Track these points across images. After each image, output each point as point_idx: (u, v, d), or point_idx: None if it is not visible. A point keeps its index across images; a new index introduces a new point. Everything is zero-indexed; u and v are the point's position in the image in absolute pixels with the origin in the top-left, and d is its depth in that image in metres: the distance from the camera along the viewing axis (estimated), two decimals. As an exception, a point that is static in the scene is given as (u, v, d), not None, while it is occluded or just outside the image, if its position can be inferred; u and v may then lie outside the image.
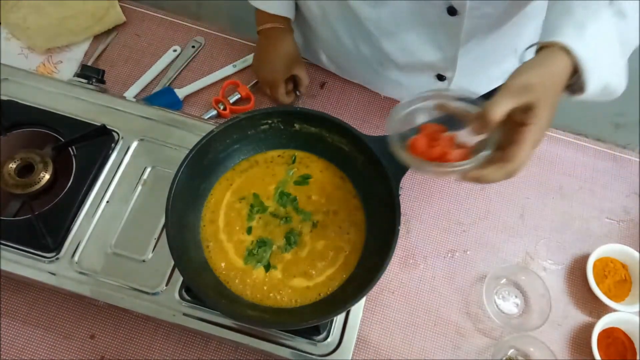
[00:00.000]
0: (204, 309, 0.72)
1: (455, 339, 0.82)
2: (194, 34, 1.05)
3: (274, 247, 0.71)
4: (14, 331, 0.77)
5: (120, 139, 0.83)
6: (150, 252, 0.75)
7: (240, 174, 0.76)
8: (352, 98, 1.01)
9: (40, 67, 0.99)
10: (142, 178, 0.80)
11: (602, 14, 0.56)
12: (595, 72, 0.54)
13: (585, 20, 0.56)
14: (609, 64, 0.56)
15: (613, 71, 0.57)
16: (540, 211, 0.93)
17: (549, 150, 0.98)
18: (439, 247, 0.89)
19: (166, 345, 0.78)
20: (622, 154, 0.99)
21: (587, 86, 0.55)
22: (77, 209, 0.77)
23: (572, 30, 0.55)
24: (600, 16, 0.56)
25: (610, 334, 0.82)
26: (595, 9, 0.56)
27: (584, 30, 0.55)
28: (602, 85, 0.56)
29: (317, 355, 0.71)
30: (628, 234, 0.92)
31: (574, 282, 0.87)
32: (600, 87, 0.56)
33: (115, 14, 1.03)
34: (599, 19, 0.56)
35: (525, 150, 0.52)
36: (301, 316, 0.67)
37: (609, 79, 0.56)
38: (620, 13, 0.57)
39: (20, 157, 0.78)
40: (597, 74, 0.55)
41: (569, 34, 0.55)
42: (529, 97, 0.52)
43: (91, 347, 0.77)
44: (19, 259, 0.74)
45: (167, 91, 0.97)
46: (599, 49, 0.55)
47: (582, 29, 0.55)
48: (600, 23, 0.56)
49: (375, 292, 0.84)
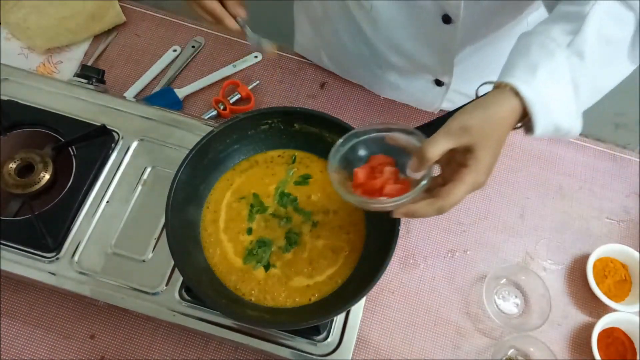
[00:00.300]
0: (204, 309, 0.72)
1: (455, 339, 0.82)
2: (194, 34, 1.05)
3: (274, 247, 0.71)
4: (14, 331, 0.77)
5: (120, 139, 0.83)
6: (150, 252, 0.75)
7: (240, 174, 0.76)
8: (352, 98, 1.01)
9: (40, 67, 0.99)
10: (142, 178, 0.80)
11: (558, 56, 0.56)
12: (543, 115, 0.55)
13: (539, 62, 0.56)
14: (559, 107, 0.56)
15: (564, 114, 0.57)
16: (540, 211, 0.93)
17: (549, 150, 0.98)
18: (439, 247, 0.89)
19: (166, 345, 0.78)
20: (622, 154, 0.99)
21: (535, 128, 0.55)
22: (77, 209, 0.77)
23: (523, 72, 0.56)
24: (555, 58, 0.56)
25: (610, 333, 0.83)
26: (551, 50, 0.56)
27: (535, 73, 0.55)
28: (552, 127, 0.57)
29: (317, 355, 0.71)
30: (628, 234, 0.92)
31: (574, 282, 0.87)
32: (551, 129, 0.57)
33: (115, 14, 1.03)
34: (553, 61, 0.56)
35: (460, 191, 0.54)
36: (301, 316, 0.67)
37: (560, 121, 0.56)
38: (578, 54, 0.56)
39: (20, 157, 0.78)
40: (546, 116, 0.55)
41: (520, 76, 0.55)
42: (467, 140, 0.53)
43: (91, 347, 0.77)
44: (19, 259, 0.74)
45: (167, 91, 0.96)
46: (549, 92, 0.55)
47: (534, 71, 0.55)
48: (554, 65, 0.56)
49: (375, 292, 0.84)
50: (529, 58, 0.57)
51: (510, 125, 0.56)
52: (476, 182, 0.54)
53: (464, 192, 0.54)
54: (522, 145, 0.98)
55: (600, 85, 0.60)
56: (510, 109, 0.55)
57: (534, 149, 0.98)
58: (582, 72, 0.57)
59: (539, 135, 0.56)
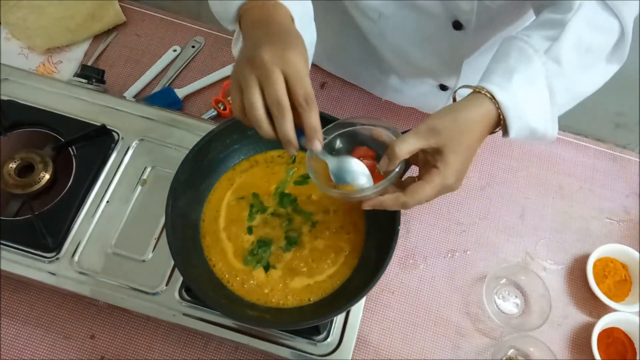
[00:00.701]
0: (204, 309, 0.72)
1: (455, 339, 0.82)
2: (194, 33, 1.05)
3: (274, 247, 0.71)
4: (14, 331, 0.77)
5: (120, 139, 0.83)
6: (150, 252, 0.75)
7: (240, 174, 0.76)
8: (352, 98, 1.01)
9: (40, 67, 0.99)
10: (142, 178, 0.80)
11: (535, 62, 0.57)
12: (517, 119, 0.56)
13: (516, 67, 0.57)
14: (534, 111, 0.57)
15: (539, 118, 0.58)
16: (540, 211, 0.93)
17: (549, 150, 0.98)
18: (439, 247, 0.89)
19: (166, 345, 0.78)
20: (622, 154, 0.99)
21: (510, 131, 0.57)
22: (77, 208, 0.77)
23: (500, 77, 0.57)
24: (532, 64, 0.57)
25: (610, 333, 0.82)
26: (529, 56, 0.57)
27: (511, 78, 0.56)
28: (527, 130, 0.58)
29: (317, 355, 0.71)
30: (628, 234, 0.92)
31: (574, 282, 0.87)
32: (526, 132, 0.58)
33: (115, 13, 1.03)
34: (530, 66, 0.57)
35: (425, 190, 0.54)
36: (301, 316, 0.67)
37: (535, 125, 0.57)
38: (556, 60, 0.57)
39: (20, 157, 0.78)
40: (520, 120, 0.56)
41: (496, 81, 0.56)
42: (435, 141, 0.54)
43: (91, 347, 0.77)
44: (19, 259, 0.74)
45: (167, 91, 0.96)
46: (524, 97, 0.56)
47: (510, 76, 0.56)
48: (531, 71, 0.57)
49: (375, 292, 0.84)
50: (507, 63, 0.58)
51: (483, 129, 0.56)
52: (444, 184, 0.55)
53: (429, 192, 0.55)
54: (522, 145, 0.98)
55: (580, 90, 0.61)
56: (483, 113, 0.56)
57: (534, 149, 0.98)
58: (559, 77, 0.58)
59: (514, 138, 0.58)
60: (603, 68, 0.62)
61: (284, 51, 0.49)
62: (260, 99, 0.50)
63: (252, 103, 0.50)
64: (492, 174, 0.96)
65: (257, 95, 0.49)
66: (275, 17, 0.54)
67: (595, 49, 0.60)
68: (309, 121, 0.51)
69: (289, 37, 0.52)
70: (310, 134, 0.51)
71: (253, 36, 0.53)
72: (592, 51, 0.60)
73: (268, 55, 0.49)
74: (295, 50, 0.50)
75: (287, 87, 0.50)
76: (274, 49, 0.49)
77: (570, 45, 0.58)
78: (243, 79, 0.50)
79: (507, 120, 0.56)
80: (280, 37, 0.51)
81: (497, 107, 0.56)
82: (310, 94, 0.50)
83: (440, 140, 0.54)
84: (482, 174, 0.95)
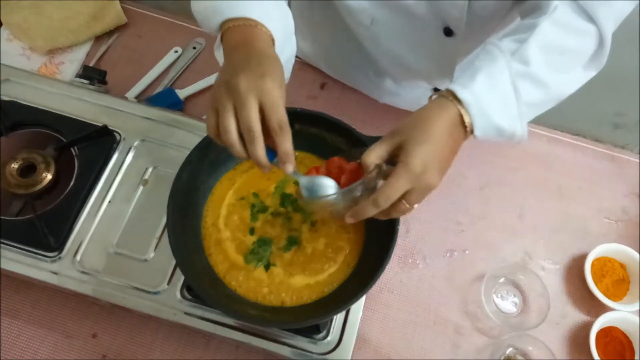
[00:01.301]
0: (205, 308, 0.72)
1: (454, 338, 0.83)
2: (195, 35, 1.05)
3: (275, 246, 0.72)
4: (16, 330, 0.78)
5: (121, 140, 0.83)
6: (152, 251, 0.76)
7: (241, 174, 0.77)
8: (352, 99, 1.02)
9: (42, 68, 1.00)
10: (143, 178, 0.81)
11: (499, 61, 0.58)
12: (481, 117, 0.57)
13: (481, 66, 0.58)
14: (498, 109, 0.58)
15: (504, 116, 0.58)
16: (539, 211, 0.93)
17: (547, 151, 0.99)
18: (438, 247, 0.89)
19: (167, 344, 0.78)
20: (620, 154, 0.99)
21: (475, 129, 0.58)
22: (79, 208, 0.78)
23: (465, 77, 0.58)
24: (496, 63, 0.58)
25: (608, 333, 0.83)
26: (494, 56, 0.59)
27: (475, 77, 0.58)
28: (492, 129, 0.59)
29: (317, 354, 0.71)
30: (626, 234, 0.92)
31: (572, 282, 0.88)
32: (492, 131, 0.59)
33: (117, 14, 1.03)
34: (494, 66, 0.58)
35: (392, 183, 0.54)
36: (301, 315, 0.68)
37: (500, 123, 0.58)
38: (523, 61, 0.58)
39: (22, 158, 0.79)
40: (484, 118, 0.57)
41: (461, 81, 0.58)
42: (397, 140, 0.56)
43: (93, 346, 0.78)
44: (21, 259, 0.74)
45: (168, 92, 0.97)
46: (487, 95, 0.57)
47: (474, 76, 0.58)
48: (494, 70, 0.58)
49: (374, 291, 0.84)
50: (474, 64, 0.60)
51: (445, 123, 0.57)
52: (411, 174, 0.54)
53: (395, 183, 0.55)
54: (521, 145, 0.99)
55: (556, 92, 0.62)
56: (443, 109, 0.57)
57: (533, 149, 0.99)
58: (526, 77, 0.59)
59: (481, 136, 0.59)
60: (581, 72, 0.63)
61: (260, 80, 0.52)
62: (234, 124, 0.52)
63: (226, 127, 0.52)
64: (491, 174, 0.96)
65: (231, 120, 0.52)
66: (255, 42, 0.57)
67: (571, 51, 0.61)
68: (282, 146, 0.54)
69: (266, 64, 0.54)
70: (283, 158, 0.54)
71: (233, 58, 0.56)
72: (568, 54, 0.61)
73: (244, 83, 0.51)
74: (271, 79, 0.53)
75: (262, 113, 0.53)
76: (251, 77, 0.52)
77: (539, 46, 0.59)
78: (220, 103, 0.53)
79: (472, 118, 0.57)
80: (258, 63, 0.54)
81: (458, 105, 0.57)
82: (283, 121, 0.53)
83: (401, 137, 0.56)
84: (481, 174, 0.96)
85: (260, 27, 0.58)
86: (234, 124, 0.53)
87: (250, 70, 0.52)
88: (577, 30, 0.61)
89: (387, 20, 0.77)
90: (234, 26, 0.58)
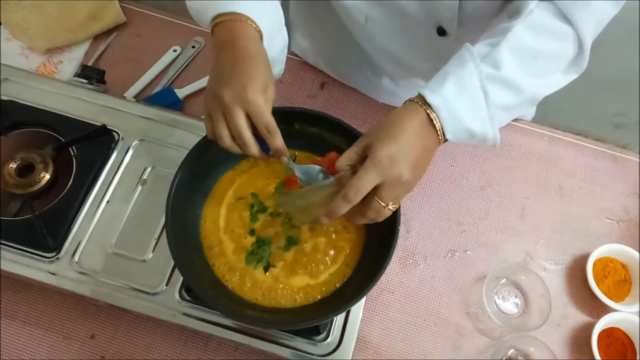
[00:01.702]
0: (204, 309, 0.72)
1: (455, 338, 0.82)
2: (194, 34, 1.05)
3: (274, 247, 0.71)
4: (14, 331, 0.77)
5: (120, 139, 0.83)
6: (151, 252, 0.76)
7: (240, 174, 0.76)
8: (352, 98, 1.01)
9: (41, 67, 0.99)
10: (142, 178, 0.81)
11: (467, 66, 0.58)
12: (450, 120, 0.58)
13: (451, 71, 0.59)
14: (467, 112, 0.58)
15: (474, 119, 0.58)
16: (540, 211, 0.93)
17: (548, 150, 0.98)
18: (438, 247, 0.89)
19: (166, 345, 0.78)
20: (621, 154, 0.99)
21: (445, 132, 0.58)
22: (78, 208, 0.77)
23: (435, 82, 0.59)
24: (465, 67, 0.58)
25: (610, 333, 0.83)
26: (464, 60, 0.59)
27: (444, 81, 0.58)
28: (464, 132, 0.59)
29: (317, 355, 0.71)
30: (628, 234, 0.92)
31: (573, 282, 0.87)
32: (464, 134, 0.59)
33: (116, 14, 1.03)
34: (463, 70, 0.58)
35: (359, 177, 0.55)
36: (301, 316, 0.67)
37: (471, 126, 0.58)
38: (494, 65, 0.58)
39: (20, 157, 0.78)
40: (454, 121, 0.58)
41: (431, 86, 0.59)
42: (365, 142, 0.57)
43: (91, 347, 0.77)
44: (19, 259, 0.74)
45: (167, 91, 0.97)
46: (456, 99, 0.57)
47: (443, 80, 0.58)
48: (463, 73, 0.58)
49: (375, 292, 0.84)
50: (445, 70, 0.60)
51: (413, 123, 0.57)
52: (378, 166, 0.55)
53: (365, 176, 0.55)
54: (521, 145, 0.99)
55: (531, 95, 0.61)
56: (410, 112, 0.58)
57: (534, 149, 0.98)
58: (496, 81, 0.58)
59: (453, 139, 0.59)
60: (560, 76, 0.63)
61: (242, 91, 0.56)
62: (227, 130, 0.58)
63: (220, 134, 0.59)
64: (492, 174, 0.96)
65: (224, 129, 0.58)
66: (240, 41, 0.59)
67: (547, 55, 0.61)
68: (274, 146, 0.60)
69: (250, 68, 0.57)
70: (276, 154, 0.61)
71: (219, 61, 0.59)
72: (542, 57, 0.61)
73: (228, 96, 0.56)
74: (253, 88, 0.56)
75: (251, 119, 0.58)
76: (232, 89, 0.56)
77: (510, 49, 0.59)
78: (212, 111, 0.58)
79: (441, 122, 0.57)
80: (241, 70, 0.57)
81: (428, 110, 0.57)
82: (270, 124, 0.58)
83: (368, 139, 0.57)
84: (482, 174, 0.95)
85: (248, 22, 0.60)
86: (227, 130, 0.58)
87: (233, 81, 0.57)
88: (553, 33, 0.60)
89: (381, 18, 0.78)
90: (222, 22, 0.60)
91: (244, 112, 0.57)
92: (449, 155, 0.96)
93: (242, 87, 0.56)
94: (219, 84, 0.57)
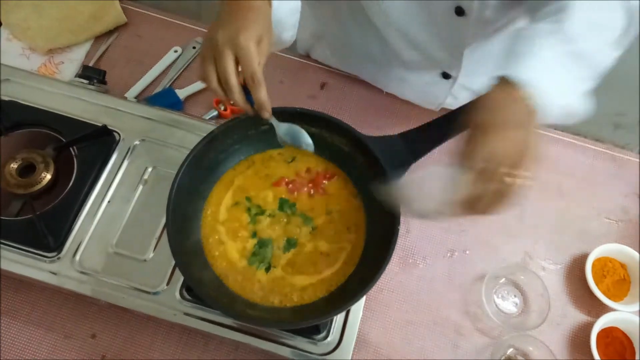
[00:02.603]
0: (205, 309, 0.72)
1: (455, 338, 0.82)
2: (195, 34, 1.05)
3: (275, 247, 0.71)
4: (15, 331, 0.78)
5: (121, 139, 0.83)
6: (151, 251, 0.76)
7: (240, 174, 0.77)
8: (352, 98, 1.02)
9: (42, 67, 1.00)
10: (143, 178, 0.81)
11: (546, 41, 0.58)
12: (542, 99, 0.56)
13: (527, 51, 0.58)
14: (559, 86, 0.58)
15: (564, 96, 0.58)
16: (539, 211, 0.93)
17: (548, 150, 0.99)
18: (438, 247, 0.89)
19: (167, 345, 0.78)
20: (621, 154, 0.99)
21: (544, 107, 0.56)
22: (79, 208, 0.77)
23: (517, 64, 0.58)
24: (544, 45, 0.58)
25: (609, 333, 0.83)
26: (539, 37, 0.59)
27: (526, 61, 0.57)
28: (558, 108, 0.58)
29: (317, 354, 0.71)
30: (627, 234, 0.92)
31: (572, 282, 0.88)
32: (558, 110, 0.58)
33: (116, 14, 1.03)
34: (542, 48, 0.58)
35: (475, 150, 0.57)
36: (301, 315, 0.68)
37: (563, 103, 0.58)
38: (567, 40, 0.58)
39: (21, 157, 0.79)
40: (546, 100, 0.56)
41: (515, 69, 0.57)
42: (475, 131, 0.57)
43: (92, 347, 0.77)
44: (20, 259, 0.74)
45: (168, 92, 0.97)
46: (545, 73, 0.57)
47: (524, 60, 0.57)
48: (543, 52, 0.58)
49: (375, 292, 0.84)
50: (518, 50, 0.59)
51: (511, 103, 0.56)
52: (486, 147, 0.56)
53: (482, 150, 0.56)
54: (521, 145, 0.99)
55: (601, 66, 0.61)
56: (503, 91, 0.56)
57: (533, 149, 0.98)
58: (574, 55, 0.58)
59: (552, 116, 0.57)
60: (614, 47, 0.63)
61: (235, 33, 0.56)
62: (214, 73, 0.59)
63: (207, 76, 0.59)
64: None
65: (212, 71, 0.59)
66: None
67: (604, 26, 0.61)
68: (256, 97, 0.59)
69: (248, 17, 0.58)
70: (258, 108, 0.61)
71: (223, 9, 0.60)
72: (602, 28, 0.61)
73: (220, 38, 0.57)
74: (246, 34, 0.56)
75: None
76: (227, 31, 0.57)
77: (579, 24, 0.58)
78: (204, 53, 0.59)
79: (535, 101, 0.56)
80: (239, 17, 0.58)
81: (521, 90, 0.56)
82: (256, 73, 0.57)
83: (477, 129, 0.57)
84: (481, 174, 0.95)
85: None
86: (214, 73, 0.59)
87: (230, 23, 0.57)
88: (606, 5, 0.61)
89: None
90: None
91: (233, 57, 0.57)
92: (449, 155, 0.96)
93: (235, 32, 0.56)
94: (216, 28, 0.58)
